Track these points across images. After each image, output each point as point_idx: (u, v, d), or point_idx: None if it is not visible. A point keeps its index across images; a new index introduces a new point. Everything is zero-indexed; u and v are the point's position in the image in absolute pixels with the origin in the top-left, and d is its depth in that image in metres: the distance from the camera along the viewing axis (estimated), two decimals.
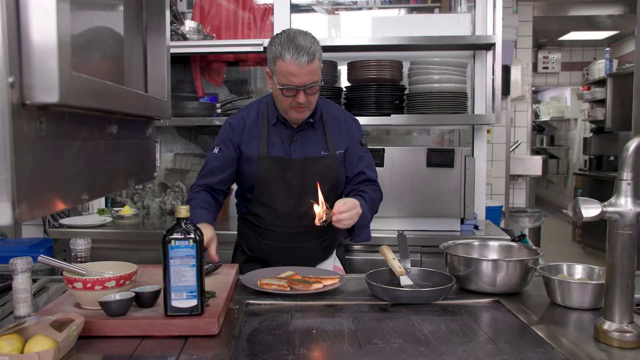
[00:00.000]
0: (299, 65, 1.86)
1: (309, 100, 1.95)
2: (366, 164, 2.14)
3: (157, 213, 3.56)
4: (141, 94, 1.20)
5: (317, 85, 1.93)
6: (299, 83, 1.89)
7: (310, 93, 1.93)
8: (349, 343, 1.32)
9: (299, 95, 1.91)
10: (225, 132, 2.10)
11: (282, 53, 1.87)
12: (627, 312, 1.31)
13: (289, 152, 2.05)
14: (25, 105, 0.71)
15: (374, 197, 2.08)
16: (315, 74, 1.91)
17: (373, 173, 2.16)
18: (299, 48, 1.85)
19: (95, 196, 0.99)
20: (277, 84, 1.93)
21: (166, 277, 1.37)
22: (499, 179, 4.86)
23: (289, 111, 1.98)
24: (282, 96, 1.94)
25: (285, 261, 2.04)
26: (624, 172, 1.30)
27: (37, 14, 0.70)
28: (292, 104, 1.95)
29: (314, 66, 1.89)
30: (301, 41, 1.87)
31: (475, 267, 1.68)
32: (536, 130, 11.11)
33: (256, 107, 2.13)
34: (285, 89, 1.91)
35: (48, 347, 1.14)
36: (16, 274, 1.51)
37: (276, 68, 1.92)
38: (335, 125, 2.12)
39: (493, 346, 1.30)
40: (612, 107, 6.65)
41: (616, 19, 6.61)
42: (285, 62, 1.87)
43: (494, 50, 3.06)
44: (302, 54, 1.85)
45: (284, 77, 1.90)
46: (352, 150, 2.12)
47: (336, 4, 4.07)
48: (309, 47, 1.87)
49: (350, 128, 2.14)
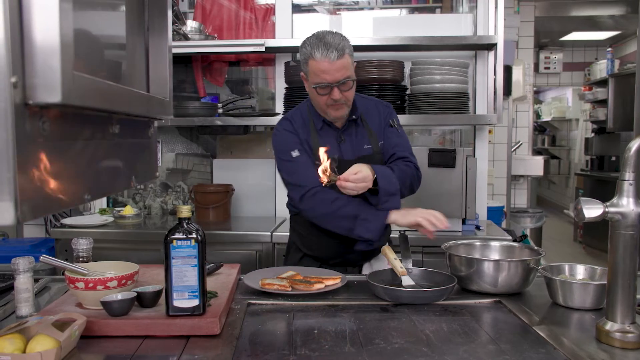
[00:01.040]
0: (329, 61, 1.88)
1: (345, 97, 1.96)
2: (395, 143, 2.10)
3: (158, 213, 3.57)
4: (143, 94, 1.20)
5: (350, 80, 1.95)
6: (331, 80, 1.91)
7: (345, 89, 1.95)
8: (351, 343, 1.32)
9: (334, 92, 1.93)
10: (287, 136, 2.05)
11: (312, 53, 1.91)
12: (629, 313, 1.30)
13: (341, 153, 2.05)
14: (28, 105, 0.71)
15: (403, 168, 2.02)
16: (347, 70, 1.93)
17: (404, 152, 2.09)
18: (327, 45, 1.89)
19: (97, 196, 0.99)
20: (311, 83, 1.96)
21: (168, 277, 1.37)
22: (501, 179, 4.85)
23: (327, 110, 1.99)
24: (317, 95, 1.96)
25: (341, 257, 2.06)
26: (625, 172, 1.30)
27: (39, 14, 0.70)
28: (328, 102, 1.96)
29: (344, 62, 1.91)
30: (329, 39, 1.91)
31: (477, 268, 1.68)
32: (538, 131, 11.10)
33: (299, 112, 2.12)
34: (319, 87, 1.93)
35: (50, 346, 1.14)
36: (18, 274, 1.51)
37: (308, 68, 1.95)
38: (373, 118, 2.11)
39: (494, 346, 1.30)
40: (613, 107, 6.64)
41: (618, 19, 6.60)
42: (316, 60, 1.91)
43: (495, 50, 3.05)
44: (331, 50, 1.88)
45: (317, 76, 1.93)
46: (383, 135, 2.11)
47: (338, 4, 4.07)
48: (338, 43, 1.90)
49: (381, 114, 2.13)
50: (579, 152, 9.37)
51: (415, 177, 2.08)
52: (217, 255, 2.35)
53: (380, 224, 1.90)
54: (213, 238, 2.74)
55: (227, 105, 3.42)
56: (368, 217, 1.90)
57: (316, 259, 2.14)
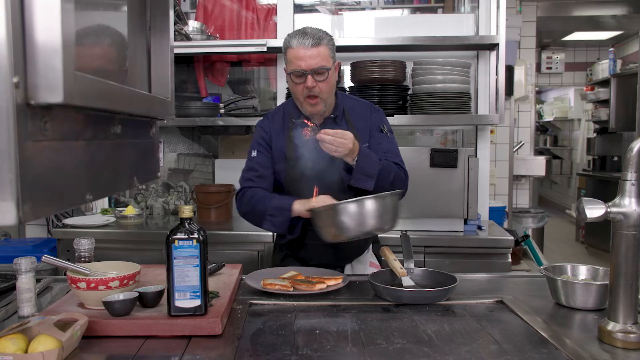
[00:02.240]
0: (304, 46, 1.90)
1: (320, 89, 1.95)
2: (385, 149, 2.07)
3: (160, 213, 3.57)
4: (145, 94, 1.20)
5: (325, 70, 1.93)
6: (305, 67, 1.91)
7: (320, 79, 1.93)
8: (353, 343, 1.32)
9: (307, 79, 1.92)
10: (257, 135, 2.11)
11: (289, 41, 1.95)
12: (631, 313, 1.30)
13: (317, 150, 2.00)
14: (30, 105, 0.71)
15: (392, 165, 2.00)
16: (323, 59, 1.93)
17: (394, 158, 2.07)
18: (304, 34, 1.92)
19: (99, 196, 0.99)
20: (287, 71, 1.97)
21: (170, 277, 1.37)
22: (503, 179, 4.85)
23: (303, 103, 1.99)
24: (294, 85, 1.97)
25: (323, 258, 2.05)
26: (628, 172, 1.30)
27: (41, 14, 0.70)
28: (304, 92, 1.95)
29: (320, 50, 1.92)
30: (309, 30, 1.95)
31: None
32: (540, 131, 11.09)
33: (282, 107, 2.17)
34: (294, 73, 1.94)
35: (52, 346, 1.14)
36: (20, 274, 1.51)
37: (287, 57, 1.97)
38: (360, 119, 2.11)
39: (496, 346, 1.30)
40: (615, 107, 6.63)
41: (620, 19, 6.59)
42: (292, 47, 1.93)
43: (497, 50, 3.05)
44: (307, 38, 1.91)
45: (292, 63, 1.94)
46: (372, 140, 2.09)
47: (339, 4, 4.07)
48: (316, 33, 1.93)
49: (371, 118, 2.12)
50: (581, 152, 9.36)
51: (400, 177, 2.03)
52: (218, 255, 2.35)
53: (286, 217, 1.93)
54: (215, 238, 2.75)
55: (229, 105, 3.42)
56: (274, 212, 1.94)
57: (297, 259, 2.14)
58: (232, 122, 3.24)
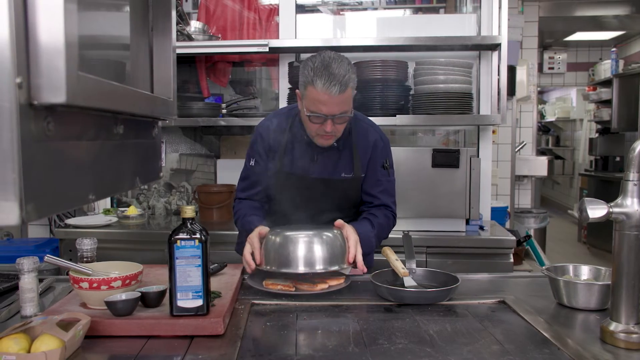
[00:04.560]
0: (329, 94, 1.76)
1: (337, 130, 1.87)
2: (383, 189, 2.04)
3: (162, 213, 3.57)
4: (147, 94, 1.20)
5: (347, 115, 1.85)
6: (327, 112, 1.80)
7: (339, 122, 1.86)
8: (355, 343, 1.32)
9: (327, 124, 1.83)
10: (256, 142, 2.05)
11: (313, 79, 1.77)
12: (633, 313, 1.30)
13: (310, 170, 1.99)
14: (33, 105, 0.71)
15: (383, 223, 2.00)
16: (346, 104, 1.83)
17: (389, 199, 2.05)
18: (331, 77, 1.75)
19: (102, 196, 0.99)
20: (306, 109, 1.85)
21: (172, 277, 1.38)
22: (505, 179, 4.85)
23: (315, 137, 1.92)
24: (309, 122, 1.87)
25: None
26: (630, 172, 1.30)
27: (44, 15, 0.70)
28: (319, 131, 1.87)
29: (345, 96, 1.80)
30: (335, 69, 1.76)
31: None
32: (542, 131, 11.08)
33: (287, 114, 2.07)
34: (313, 116, 1.83)
35: (54, 346, 1.14)
36: (22, 274, 1.51)
37: (306, 93, 1.82)
38: (365, 146, 2.02)
39: (499, 347, 1.30)
40: (618, 107, 6.62)
41: (622, 19, 6.59)
42: (316, 89, 1.77)
43: (499, 50, 3.05)
44: (335, 84, 1.75)
45: (313, 105, 1.81)
46: (371, 172, 2.03)
47: (341, 4, 4.07)
48: (343, 75, 1.77)
49: (376, 150, 2.04)
50: (583, 153, 9.35)
51: (390, 228, 2.08)
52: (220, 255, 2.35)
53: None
54: (217, 238, 2.74)
55: (231, 105, 3.42)
56: (242, 239, 1.91)
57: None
58: (234, 123, 3.25)
